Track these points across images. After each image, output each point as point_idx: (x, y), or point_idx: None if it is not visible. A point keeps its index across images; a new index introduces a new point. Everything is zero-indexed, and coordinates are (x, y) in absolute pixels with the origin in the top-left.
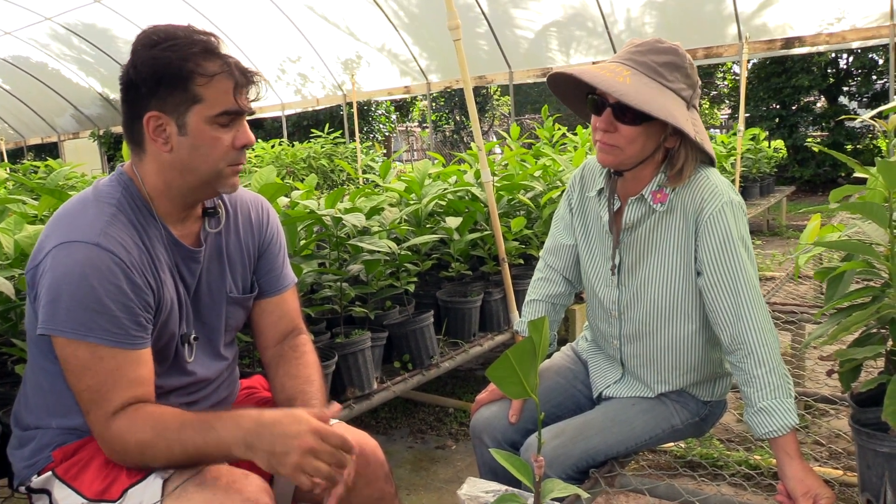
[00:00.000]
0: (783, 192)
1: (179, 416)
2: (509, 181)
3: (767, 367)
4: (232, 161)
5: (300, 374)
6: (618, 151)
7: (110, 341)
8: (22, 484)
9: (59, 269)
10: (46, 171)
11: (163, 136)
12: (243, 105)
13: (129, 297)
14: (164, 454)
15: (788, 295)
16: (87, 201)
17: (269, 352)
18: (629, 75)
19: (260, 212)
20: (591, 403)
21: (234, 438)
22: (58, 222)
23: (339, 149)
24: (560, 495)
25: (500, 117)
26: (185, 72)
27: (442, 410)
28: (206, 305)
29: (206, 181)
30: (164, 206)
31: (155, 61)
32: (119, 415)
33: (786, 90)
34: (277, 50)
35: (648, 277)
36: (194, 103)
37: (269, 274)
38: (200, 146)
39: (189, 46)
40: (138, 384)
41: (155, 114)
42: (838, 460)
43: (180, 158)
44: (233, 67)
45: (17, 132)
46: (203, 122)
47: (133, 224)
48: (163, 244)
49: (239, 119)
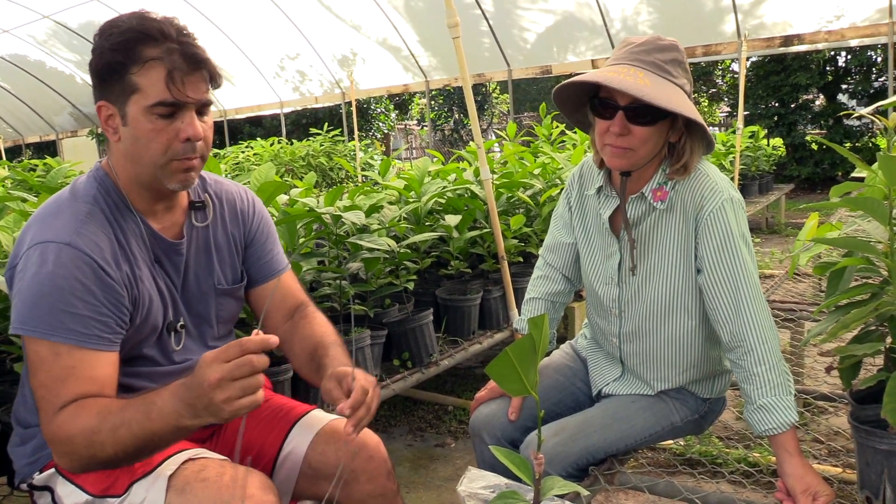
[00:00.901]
0: (782, 189)
1: (122, 400)
2: (508, 179)
3: (767, 365)
4: (176, 155)
5: (315, 330)
6: (631, 154)
7: (72, 340)
8: (24, 481)
9: (30, 269)
10: (45, 170)
11: (112, 126)
12: (180, 95)
13: (98, 297)
14: (110, 439)
15: (788, 292)
16: (62, 200)
17: (281, 331)
18: (644, 76)
19: (245, 203)
20: (590, 401)
21: (175, 406)
22: (34, 223)
23: (338, 147)
24: (560, 492)
25: (499, 115)
26: (117, 60)
27: (441, 408)
28: (195, 297)
29: (151, 174)
30: (137, 198)
31: (96, 52)
32: (64, 409)
33: (784, 88)
34: (276, 48)
35: (648, 275)
36: (132, 93)
37: (260, 261)
38: (140, 138)
39: (125, 33)
40: (91, 382)
41: (103, 103)
42: (837, 457)
43: (127, 149)
44: (173, 54)
45: (15, 130)
46: (140, 113)
47: (109, 220)
48: (140, 237)
49: (184, 109)
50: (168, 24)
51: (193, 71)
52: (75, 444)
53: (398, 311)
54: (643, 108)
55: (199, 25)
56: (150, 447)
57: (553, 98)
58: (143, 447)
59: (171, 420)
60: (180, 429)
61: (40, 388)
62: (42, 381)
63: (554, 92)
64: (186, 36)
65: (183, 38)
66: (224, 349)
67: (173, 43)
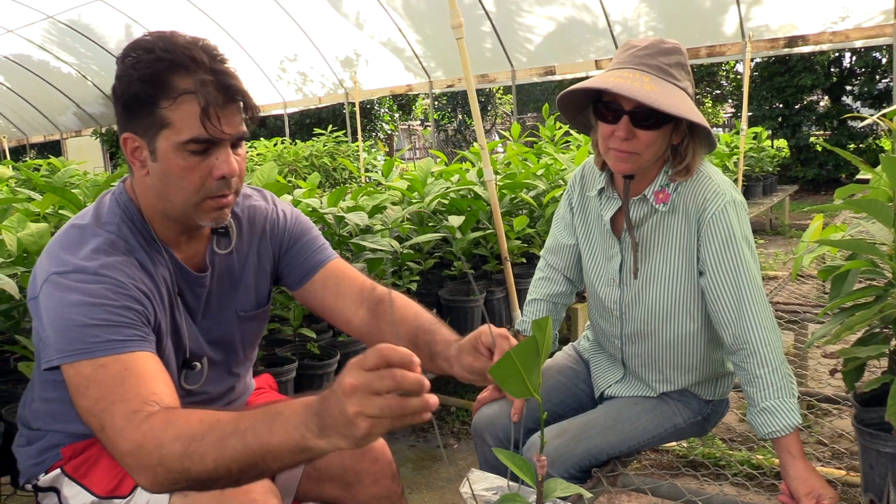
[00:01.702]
0: (786, 191)
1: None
2: (512, 180)
3: (770, 367)
4: (210, 193)
5: (405, 317)
6: (636, 158)
7: (113, 350)
8: (28, 482)
9: (54, 298)
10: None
11: (139, 159)
12: (215, 132)
13: (127, 306)
14: (214, 450)
15: (791, 294)
16: (84, 227)
17: (355, 322)
18: (649, 80)
19: (275, 215)
20: (593, 403)
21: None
22: (57, 250)
23: (342, 147)
24: (563, 495)
25: (503, 116)
26: (146, 93)
27: (444, 409)
28: (217, 326)
29: (182, 212)
30: (161, 227)
31: (122, 80)
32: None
33: (789, 89)
34: (279, 48)
35: (650, 277)
36: (162, 128)
37: (307, 254)
38: (171, 174)
39: (155, 63)
40: (153, 378)
41: (129, 136)
42: (841, 460)
43: (155, 185)
44: (207, 87)
45: (19, 130)
46: (171, 150)
47: (135, 249)
48: (166, 268)
49: (219, 145)
50: (199, 48)
51: (229, 104)
52: (168, 453)
53: None
54: (648, 113)
55: (203, 26)
56: (259, 467)
57: (557, 103)
58: (251, 465)
59: (295, 435)
60: (303, 449)
61: (97, 405)
62: (97, 398)
63: (559, 98)
64: (219, 62)
65: (216, 66)
66: (364, 355)
67: (206, 73)
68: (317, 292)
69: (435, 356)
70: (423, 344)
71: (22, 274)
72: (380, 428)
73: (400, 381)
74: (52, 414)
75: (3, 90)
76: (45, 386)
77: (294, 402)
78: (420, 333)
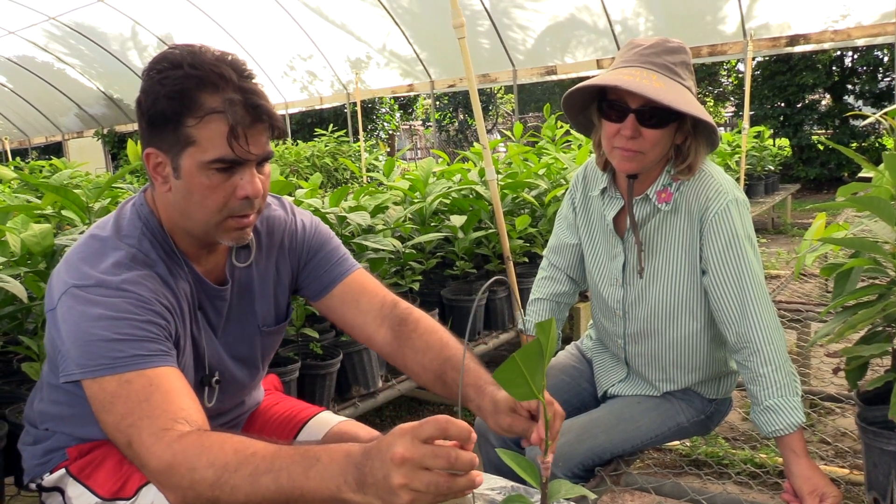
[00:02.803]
0: (788, 190)
1: (271, 444)
2: (513, 179)
3: (773, 366)
4: (233, 212)
5: (431, 344)
6: (641, 157)
7: (138, 365)
8: (33, 481)
9: (75, 312)
10: (51, 170)
11: (162, 175)
12: (242, 153)
13: (149, 320)
14: (247, 484)
15: (794, 293)
16: (105, 240)
17: (376, 339)
18: (657, 79)
19: (294, 227)
20: (596, 402)
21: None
22: (76, 261)
23: (343, 147)
24: (567, 496)
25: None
26: (172, 110)
27: (447, 409)
28: (238, 340)
29: (203, 230)
30: (181, 241)
31: (147, 94)
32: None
33: (791, 88)
34: (282, 48)
35: (653, 277)
36: (187, 145)
37: (328, 266)
38: (193, 193)
39: (182, 80)
40: (178, 394)
41: (152, 151)
42: (844, 459)
43: (177, 202)
44: (235, 106)
45: (21, 131)
46: (196, 168)
47: (156, 263)
48: (186, 282)
49: (244, 165)
50: (227, 65)
51: (256, 124)
52: (200, 479)
53: None
54: (653, 111)
55: (202, 25)
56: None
57: (563, 101)
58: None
59: (331, 485)
60: (337, 499)
61: (124, 421)
62: (123, 413)
63: (565, 95)
64: (247, 79)
65: (244, 84)
66: (421, 424)
67: (235, 92)
68: (336, 307)
69: (464, 399)
70: (451, 382)
71: (25, 275)
72: (422, 502)
73: (454, 461)
74: (62, 417)
75: (5, 91)
76: (56, 391)
77: (335, 450)
78: (448, 370)
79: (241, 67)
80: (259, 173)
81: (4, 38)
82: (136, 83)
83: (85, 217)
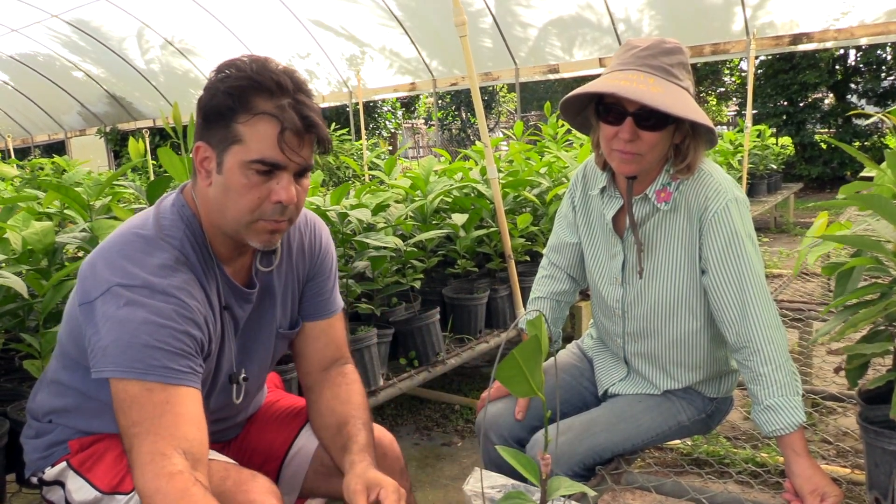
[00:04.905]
0: (790, 189)
1: None
2: (515, 177)
3: (774, 365)
4: (264, 215)
5: (351, 399)
6: (640, 159)
7: (165, 378)
8: (34, 475)
9: (120, 311)
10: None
11: (206, 169)
12: (282, 158)
13: (187, 332)
14: None
15: (796, 292)
16: (149, 239)
17: (311, 377)
18: (654, 82)
19: (313, 237)
20: (596, 401)
21: None
22: (119, 258)
23: (345, 146)
24: (567, 493)
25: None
26: (226, 106)
27: (448, 407)
28: (256, 342)
29: (234, 230)
30: (215, 242)
31: (208, 91)
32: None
33: (793, 87)
34: (283, 46)
35: (652, 276)
36: (234, 143)
37: (317, 298)
38: (230, 189)
39: (242, 80)
40: (187, 421)
41: (202, 144)
42: (846, 458)
43: (215, 196)
44: (286, 112)
45: (24, 129)
46: (238, 166)
47: (195, 266)
48: (216, 283)
49: (283, 171)
50: (287, 76)
51: (303, 133)
52: None
53: (405, 309)
54: (651, 113)
55: (205, 22)
56: None
57: (560, 106)
58: None
59: None
60: None
61: (134, 427)
62: (135, 420)
63: (562, 101)
64: (303, 93)
65: (300, 96)
66: None
67: (289, 100)
68: (305, 336)
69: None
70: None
71: (26, 272)
72: None
73: None
74: (66, 410)
75: (8, 90)
76: (63, 386)
77: None
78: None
79: (301, 81)
80: (297, 184)
81: (7, 35)
82: (139, 81)
83: (86, 215)
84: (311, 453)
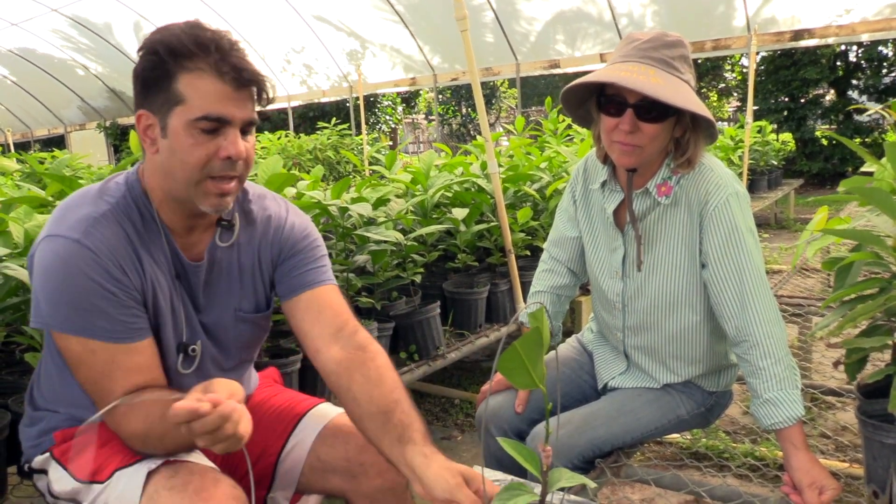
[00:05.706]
0: (791, 185)
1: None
2: (515, 172)
3: (773, 359)
4: (213, 172)
5: (384, 379)
6: (640, 151)
7: (101, 336)
8: (28, 462)
9: (43, 263)
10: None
11: (150, 137)
12: (226, 111)
13: (112, 291)
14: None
15: (796, 288)
16: (87, 195)
17: (324, 355)
18: (655, 74)
19: (280, 220)
20: (596, 394)
21: None
22: (56, 213)
23: (345, 140)
24: (567, 484)
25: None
26: (165, 68)
27: (448, 401)
28: (213, 321)
29: (185, 192)
30: (166, 210)
31: (142, 57)
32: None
33: (794, 83)
34: (283, 41)
35: (652, 270)
36: (176, 104)
37: (293, 272)
38: (177, 151)
39: (177, 41)
40: (136, 372)
41: (143, 112)
42: (844, 453)
43: (163, 162)
44: (223, 67)
45: (24, 124)
46: (183, 126)
47: (126, 225)
48: (162, 251)
49: (228, 126)
50: (220, 36)
51: (243, 87)
52: (133, 443)
53: (405, 303)
54: (652, 105)
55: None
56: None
57: (560, 97)
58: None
59: None
60: None
61: (88, 384)
62: (88, 378)
63: (563, 91)
64: (238, 50)
65: (235, 52)
66: None
67: (225, 55)
68: (298, 312)
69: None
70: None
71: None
72: None
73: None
74: (55, 394)
75: (8, 84)
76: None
77: None
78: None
79: (235, 41)
80: (244, 139)
81: (7, 30)
82: None
83: None
84: (307, 449)
